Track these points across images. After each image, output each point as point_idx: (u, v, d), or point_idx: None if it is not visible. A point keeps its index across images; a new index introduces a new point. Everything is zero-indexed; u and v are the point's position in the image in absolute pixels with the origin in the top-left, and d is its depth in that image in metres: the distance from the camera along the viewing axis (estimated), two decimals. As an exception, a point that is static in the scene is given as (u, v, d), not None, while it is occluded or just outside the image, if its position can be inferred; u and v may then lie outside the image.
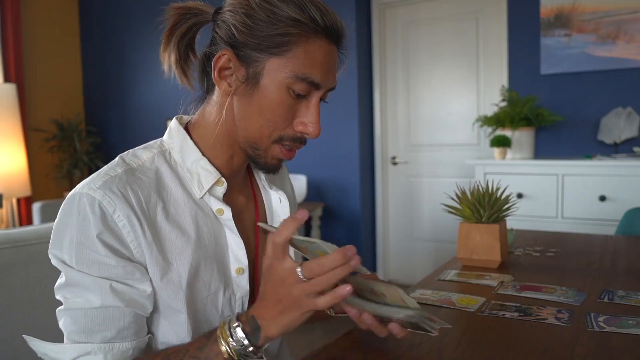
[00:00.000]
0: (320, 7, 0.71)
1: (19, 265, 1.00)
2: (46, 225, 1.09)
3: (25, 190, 3.70)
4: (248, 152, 0.78)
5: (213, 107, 0.78)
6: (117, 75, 4.43)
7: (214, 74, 0.74)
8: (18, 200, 3.90)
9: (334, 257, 0.60)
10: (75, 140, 4.30)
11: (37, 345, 0.69)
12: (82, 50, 4.58)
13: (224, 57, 0.72)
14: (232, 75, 0.73)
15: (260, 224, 0.77)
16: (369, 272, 0.70)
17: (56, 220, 0.71)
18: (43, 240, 1.04)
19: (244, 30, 0.70)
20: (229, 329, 0.66)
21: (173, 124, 0.81)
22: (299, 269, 0.62)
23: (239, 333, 0.65)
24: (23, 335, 0.70)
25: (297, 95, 0.73)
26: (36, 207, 2.98)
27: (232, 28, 0.71)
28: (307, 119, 0.75)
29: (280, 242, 0.63)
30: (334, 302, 0.63)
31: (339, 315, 0.90)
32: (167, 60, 0.79)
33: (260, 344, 0.66)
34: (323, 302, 0.62)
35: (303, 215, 0.63)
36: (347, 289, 0.61)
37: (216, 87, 0.77)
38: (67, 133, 4.30)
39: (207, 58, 0.77)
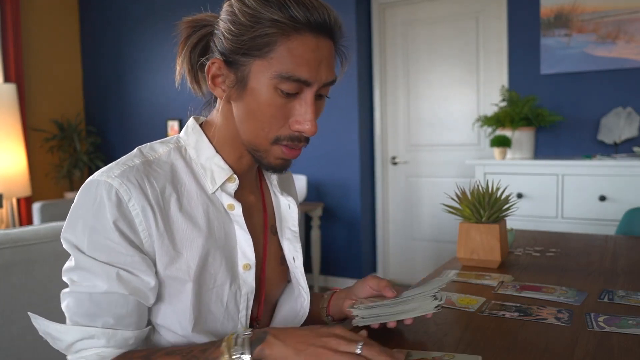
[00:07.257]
0: (305, 2, 0.71)
1: (19, 265, 1.00)
2: (46, 226, 1.09)
3: (25, 190, 3.70)
4: (252, 154, 0.80)
5: (218, 111, 0.81)
6: (117, 75, 4.43)
7: (208, 82, 0.77)
8: (18, 200, 3.90)
9: (390, 355, 0.65)
10: (75, 140, 4.30)
11: (41, 323, 0.71)
12: (82, 50, 4.58)
13: (213, 65, 0.75)
14: (224, 82, 0.76)
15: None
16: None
17: (72, 205, 0.73)
18: (43, 240, 1.04)
19: (229, 37, 0.72)
20: (236, 337, 0.66)
21: (190, 122, 0.84)
22: (361, 343, 0.64)
23: (245, 342, 0.65)
24: (28, 313, 0.72)
25: (287, 95, 0.73)
26: (36, 207, 2.98)
27: (221, 36, 0.74)
28: (301, 117, 0.75)
29: (373, 351, 0.65)
30: None
31: (336, 322, 0.90)
32: (180, 70, 0.82)
33: (254, 353, 0.64)
34: None
35: None
36: None
37: None
38: (67, 133, 4.30)
39: None
